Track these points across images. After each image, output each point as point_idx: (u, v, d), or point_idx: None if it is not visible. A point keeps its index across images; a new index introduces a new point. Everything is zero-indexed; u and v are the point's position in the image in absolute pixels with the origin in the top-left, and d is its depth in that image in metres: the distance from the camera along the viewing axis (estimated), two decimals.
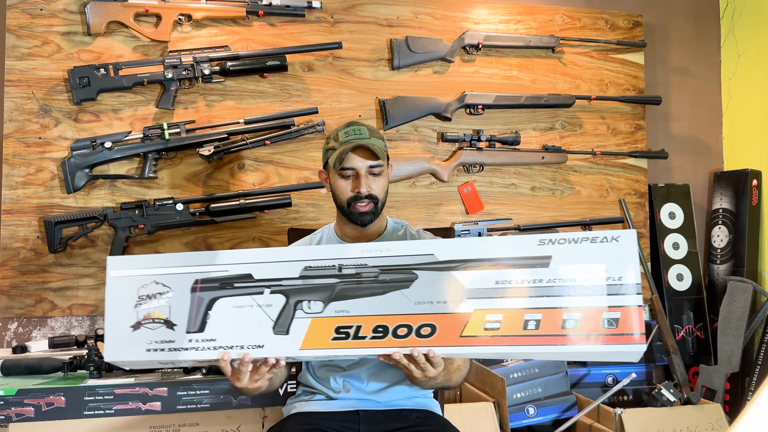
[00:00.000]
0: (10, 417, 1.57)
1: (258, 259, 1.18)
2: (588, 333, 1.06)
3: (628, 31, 2.64)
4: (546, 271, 1.09)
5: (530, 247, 1.10)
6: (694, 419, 2.16)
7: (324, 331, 1.14)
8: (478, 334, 1.10)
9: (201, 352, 1.16)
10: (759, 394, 0.64)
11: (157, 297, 1.18)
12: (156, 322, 1.18)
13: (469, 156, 2.40)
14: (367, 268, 1.15)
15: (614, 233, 1.09)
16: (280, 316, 1.15)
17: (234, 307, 1.17)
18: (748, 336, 2.47)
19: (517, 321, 1.08)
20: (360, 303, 1.14)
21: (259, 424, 1.73)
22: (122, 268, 1.20)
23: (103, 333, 1.24)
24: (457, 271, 1.12)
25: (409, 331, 1.12)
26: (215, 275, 1.18)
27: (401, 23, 2.41)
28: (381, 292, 1.13)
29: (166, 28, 2.16)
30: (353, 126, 1.46)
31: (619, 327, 1.05)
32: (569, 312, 1.07)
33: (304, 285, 1.16)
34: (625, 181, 2.62)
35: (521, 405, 2.23)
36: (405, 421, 1.40)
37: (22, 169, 2.09)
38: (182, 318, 1.17)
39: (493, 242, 1.14)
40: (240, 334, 1.16)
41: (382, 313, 1.13)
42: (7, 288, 2.07)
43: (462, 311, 1.10)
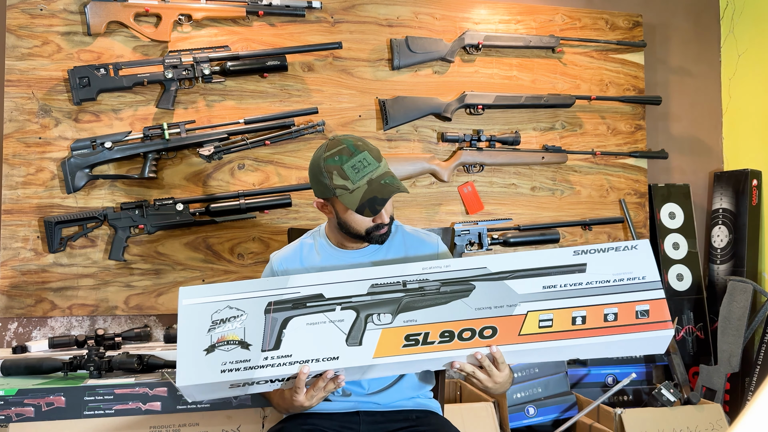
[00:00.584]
0: (10, 417, 1.57)
1: (327, 281, 1.31)
2: (626, 323, 1.25)
3: (628, 31, 2.64)
4: (583, 275, 1.29)
5: (567, 257, 1.30)
6: (694, 419, 2.16)
7: (395, 339, 1.25)
8: (534, 332, 1.25)
9: (278, 369, 1.24)
10: (759, 394, 0.64)
11: (231, 320, 1.28)
12: (231, 343, 1.26)
13: (469, 156, 2.40)
14: (429, 282, 1.29)
15: (633, 243, 1.31)
16: (353, 329, 1.26)
17: (307, 324, 1.27)
18: (748, 336, 2.47)
19: (566, 318, 1.26)
20: (426, 313, 1.27)
21: (259, 424, 1.73)
22: (194, 297, 1.30)
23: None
24: (509, 280, 1.29)
25: (473, 333, 1.25)
26: (288, 297, 1.29)
27: (401, 23, 2.41)
28: (444, 301, 1.27)
29: (166, 28, 2.16)
30: (357, 155, 1.33)
31: (651, 316, 1.25)
32: (608, 307, 1.26)
33: (372, 300, 1.29)
34: (625, 181, 2.62)
35: (521, 405, 2.23)
36: (405, 421, 1.41)
37: (22, 169, 2.09)
38: (257, 338, 1.26)
39: (536, 255, 1.31)
40: (314, 348, 1.25)
41: (447, 320, 1.26)
42: (7, 288, 2.07)
43: (518, 313, 1.26)
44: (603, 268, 1.29)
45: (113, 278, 2.14)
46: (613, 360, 2.50)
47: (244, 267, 2.23)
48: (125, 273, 2.15)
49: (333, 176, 1.34)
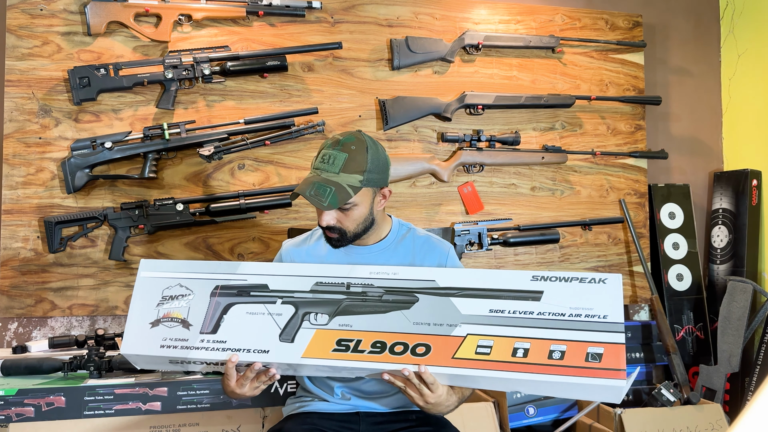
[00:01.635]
0: (10, 417, 1.57)
1: (275, 272, 1.30)
2: (572, 365, 1.14)
3: (628, 31, 2.65)
4: (537, 304, 1.20)
5: (524, 282, 1.22)
6: (694, 419, 2.16)
7: (326, 342, 1.23)
8: (469, 357, 1.18)
9: (211, 352, 1.24)
10: (759, 394, 0.64)
11: (178, 298, 1.29)
12: (174, 321, 1.28)
13: (469, 156, 2.40)
14: (373, 288, 1.26)
15: (602, 276, 1.20)
16: (288, 325, 1.25)
17: (247, 313, 1.27)
18: (747, 336, 2.47)
19: (507, 348, 1.17)
20: (362, 319, 1.24)
21: (259, 424, 1.73)
22: (153, 270, 1.33)
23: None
24: (455, 297, 1.22)
25: (405, 348, 1.20)
26: (234, 283, 1.29)
27: (401, 23, 2.41)
28: (383, 310, 1.24)
29: (166, 29, 2.16)
30: (334, 151, 1.35)
31: (603, 362, 1.13)
32: (556, 344, 1.16)
33: (313, 298, 1.27)
34: (625, 181, 2.62)
35: (521, 405, 2.23)
36: (405, 422, 1.41)
37: (22, 169, 2.09)
38: (198, 319, 1.27)
39: (490, 275, 1.24)
40: (249, 338, 1.25)
41: (382, 330, 1.22)
42: (7, 288, 2.07)
43: (456, 334, 1.20)
44: (560, 299, 1.18)
45: (113, 278, 2.14)
46: None
47: None
48: (125, 273, 2.15)
49: (316, 154, 1.42)
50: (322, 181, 1.34)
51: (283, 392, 1.72)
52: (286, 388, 1.72)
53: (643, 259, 2.53)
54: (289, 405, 1.50)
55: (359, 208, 1.37)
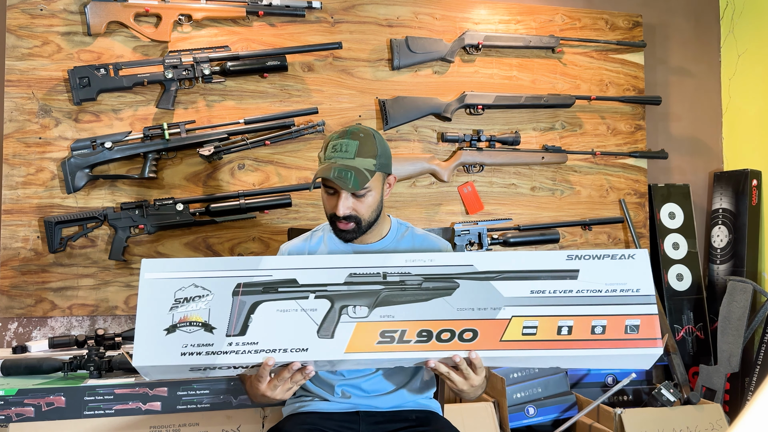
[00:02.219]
0: (10, 417, 1.57)
1: (302, 265, 1.23)
2: (613, 338, 1.19)
3: (628, 31, 2.65)
4: (575, 282, 1.22)
5: (560, 261, 1.23)
6: (694, 419, 2.16)
7: (369, 334, 1.18)
8: (517, 339, 1.19)
9: (242, 356, 1.17)
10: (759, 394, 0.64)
11: (195, 300, 1.19)
12: (193, 325, 1.18)
13: (469, 156, 2.40)
14: (411, 276, 1.22)
15: (631, 252, 1.23)
16: (325, 320, 1.19)
17: (278, 311, 1.19)
18: (747, 336, 2.47)
19: (552, 327, 1.19)
20: (404, 309, 1.20)
21: (259, 424, 1.73)
22: (158, 271, 1.21)
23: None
24: (496, 281, 1.21)
25: (452, 335, 1.19)
26: (259, 280, 1.21)
27: (401, 23, 2.41)
28: (425, 298, 1.20)
29: (166, 28, 2.16)
30: (344, 139, 1.38)
31: (640, 333, 1.19)
32: (597, 319, 1.20)
33: (349, 291, 1.21)
34: (625, 181, 2.62)
35: (521, 405, 2.23)
36: (405, 422, 1.40)
37: (22, 169, 2.09)
38: (222, 321, 1.18)
39: (527, 256, 1.24)
40: (283, 337, 1.18)
41: (426, 318, 1.19)
42: (7, 288, 2.07)
43: (501, 317, 1.20)
44: (596, 277, 1.22)
45: (113, 278, 2.14)
46: None
47: None
48: (125, 273, 2.15)
49: (323, 149, 1.42)
50: (341, 166, 1.34)
51: None
52: None
53: None
54: (289, 405, 1.50)
55: (373, 194, 1.39)
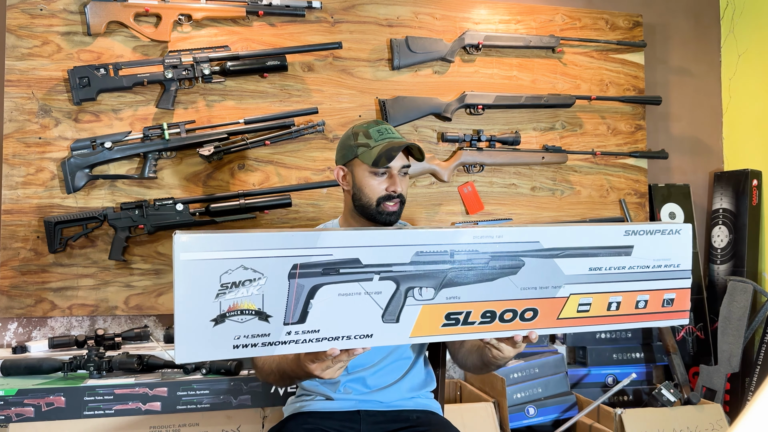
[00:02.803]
0: (10, 417, 1.57)
1: (365, 243, 1.10)
2: (652, 311, 1.22)
3: (628, 31, 2.64)
4: (628, 259, 1.22)
5: (618, 237, 1.21)
6: (694, 419, 2.16)
7: (434, 317, 1.13)
8: (572, 316, 1.20)
9: (302, 345, 1.07)
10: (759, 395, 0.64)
11: (246, 285, 1.04)
12: (246, 314, 1.04)
13: (469, 156, 2.40)
14: (478, 254, 1.14)
15: (677, 226, 1.23)
16: (390, 303, 1.11)
17: (339, 295, 1.08)
18: (748, 336, 2.47)
19: (603, 303, 1.21)
20: (470, 289, 1.14)
21: (259, 424, 1.73)
22: (198, 250, 1.02)
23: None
24: (559, 258, 1.19)
25: (514, 315, 1.17)
26: (318, 260, 1.07)
27: (401, 23, 2.41)
28: (490, 278, 1.15)
29: (166, 28, 2.16)
30: (383, 125, 1.47)
31: (674, 305, 1.23)
32: (642, 294, 1.22)
33: (415, 271, 1.12)
34: (626, 181, 2.62)
35: (521, 405, 2.23)
36: (405, 421, 1.41)
37: (22, 169, 2.09)
38: (278, 308, 1.05)
39: (589, 231, 1.21)
40: (347, 323, 1.09)
41: (491, 299, 1.15)
42: (7, 288, 2.07)
43: (560, 296, 1.19)
44: (647, 252, 1.22)
45: (113, 278, 2.14)
46: (613, 360, 2.50)
47: None
48: (125, 273, 2.15)
49: (358, 137, 1.45)
50: (402, 140, 1.44)
51: (283, 392, 1.72)
52: (285, 388, 1.72)
53: None
54: (290, 405, 1.50)
55: (408, 175, 1.52)
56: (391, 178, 1.44)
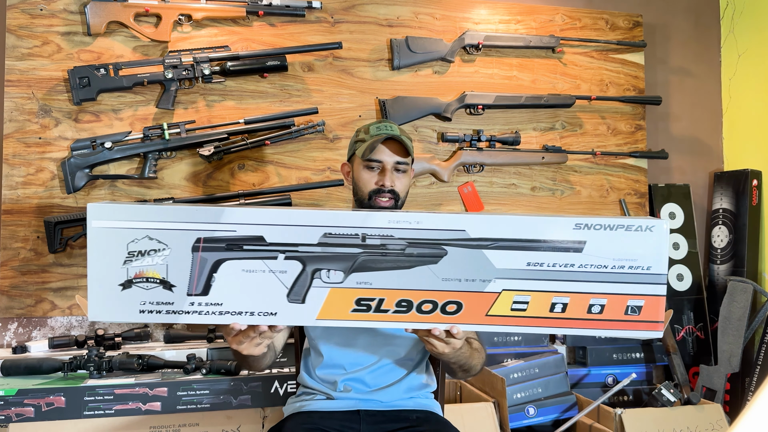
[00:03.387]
0: (10, 417, 1.57)
1: (270, 221, 1.10)
2: (611, 318, 1.09)
3: (628, 31, 2.64)
4: (579, 256, 1.09)
5: (566, 231, 1.09)
6: (694, 419, 2.16)
7: (344, 302, 1.10)
8: (504, 314, 1.10)
9: (205, 317, 1.10)
10: (759, 395, 0.64)
11: (151, 254, 1.10)
12: (151, 281, 1.10)
13: (469, 156, 2.40)
14: (394, 240, 1.09)
15: (649, 222, 1.09)
16: (296, 284, 1.10)
17: (243, 270, 1.10)
18: (748, 336, 2.47)
19: (545, 303, 1.09)
20: (384, 276, 1.10)
21: (259, 424, 1.73)
22: (107, 219, 1.09)
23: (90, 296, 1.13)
24: (489, 249, 1.09)
25: (434, 307, 1.11)
26: (222, 235, 1.10)
27: (401, 23, 2.41)
28: (407, 266, 1.10)
29: (166, 28, 2.16)
30: (385, 122, 1.49)
31: (642, 314, 1.09)
32: (596, 297, 1.09)
33: (323, 253, 1.10)
34: (626, 181, 2.62)
35: (521, 405, 2.23)
36: (405, 421, 1.41)
37: (22, 169, 2.09)
38: (182, 279, 1.10)
39: (528, 222, 1.10)
40: (250, 300, 1.10)
41: (407, 288, 1.10)
42: (7, 288, 2.07)
43: (490, 291, 1.10)
44: (604, 250, 1.09)
45: None
46: (613, 360, 2.50)
47: None
48: None
49: (360, 133, 1.49)
50: (393, 133, 1.44)
51: (283, 392, 1.72)
52: (286, 387, 1.72)
53: None
54: (290, 405, 1.50)
55: (408, 174, 1.49)
56: (382, 172, 1.45)
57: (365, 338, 1.43)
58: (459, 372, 1.38)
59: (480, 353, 1.40)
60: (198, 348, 1.87)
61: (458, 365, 1.34)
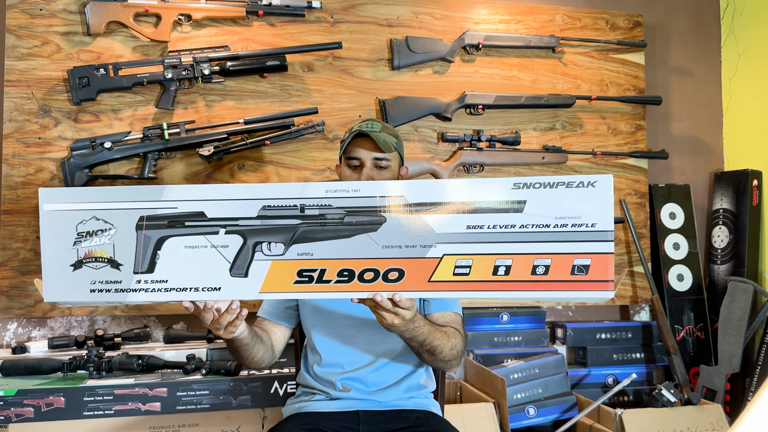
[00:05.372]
0: (9, 417, 1.57)
1: (210, 196, 1.12)
2: (557, 279, 1.07)
3: (628, 31, 2.64)
4: (519, 216, 1.07)
5: (504, 192, 1.08)
6: (694, 420, 2.16)
7: (286, 273, 1.11)
8: (447, 279, 1.09)
9: (152, 294, 1.12)
10: (759, 395, 0.64)
11: (98, 234, 1.13)
12: (99, 261, 1.13)
13: (470, 156, 2.40)
14: (332, 209, 1.10)
15: (591, 178, 1.07)
16: (238, 258, 1.11)
17: (186, 247, 1.12)
18: (748, 336, 2.47)
19: (487, 266, 1.08)
20: (324, 246, 1.10)
21: (259, 424, 1.73)
22: (57, 202, 1.14)
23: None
24: (428, 214, 1.09)
25: (376, 275, 1.10)
26: (163, 212, 1.12)
27: (401, 23, 2.41)
28: (347, 235, 1.10)
29: (166, 28, 2.16)
30: (370, 121, 1.49)
31: (590, 274, 1.06)
32: (540, 258, 1.07)
33: (263, 225, 1.11)
34: (626, 181, 2.61)
35: (521, 405, 2.23)
36: (405, 422, 1.40)
37: (22, 169, 2.09)
38: (128, 257, 1.12)
39: (466, 185, 1.09)
40: (194, 275, 1.11)
41: (348, 257, 1.10)
42: (7, 288, 2.06)
43: (432, 256, 1.09)
44: (545, 209, 1.06)
45: None
46: (613, 360, 2.50)
47: None
48: None
49: (346, 133, 1.50)
50: (371, 131, 1.43)
51: (283, 392, 1.72)
52: (285, 388, 1.72)
53: (643, 259, 2.52)
54: (289, 405, 1.50)
55: (391, 170, 1.47)
56: (360, 169, 1.45)
57: (363, 336, 1.43)
58: (425, 354, 1.32)
59: (449, 338, 1.34)
60: (198, 348, 1.87)
61: (418, 344, 1.28)
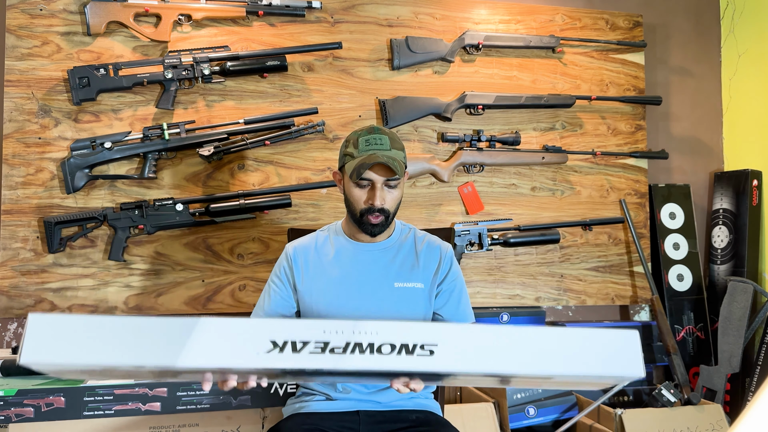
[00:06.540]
0: (9, 417, 1.57)
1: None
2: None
3: (628, 31, 2.64)
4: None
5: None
6: (694, 420, 2.16)
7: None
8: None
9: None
10: (759, 395, 0.64)
11: None
12: None
13: (470, 156, 2.40)
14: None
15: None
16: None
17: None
18: (748, 336, 2.47)
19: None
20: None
21: (259, 424, 1.73)
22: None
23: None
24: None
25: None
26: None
27: (401, 23, 2.41)
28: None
29: (166, 28, 2.16)
30: (375, 134, 1.42)
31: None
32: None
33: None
34: (626, 181, 2.61)
35: (521, 405, 2.23)
36: (405, 422, 1.40)
37: (22, 169, 2.09)
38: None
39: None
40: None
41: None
42: (6, 288, 2.06)
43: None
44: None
45: (113, 278, 2.14)
46: None
47: (243, 267, 2.23)
48: (125, 273, 2.14)
49: (349, 145, 1.44)
50: (386, 156, 1.39)
51: (282, 393, 1.72)
52: (285, 388, 1.72)
53: (643, 259, 2.52)
54: (289, 405, 1.50)
55: (400, 188, 1.45)
56: (372, 190, 1.42)
57: None
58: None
59: None
60: None
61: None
